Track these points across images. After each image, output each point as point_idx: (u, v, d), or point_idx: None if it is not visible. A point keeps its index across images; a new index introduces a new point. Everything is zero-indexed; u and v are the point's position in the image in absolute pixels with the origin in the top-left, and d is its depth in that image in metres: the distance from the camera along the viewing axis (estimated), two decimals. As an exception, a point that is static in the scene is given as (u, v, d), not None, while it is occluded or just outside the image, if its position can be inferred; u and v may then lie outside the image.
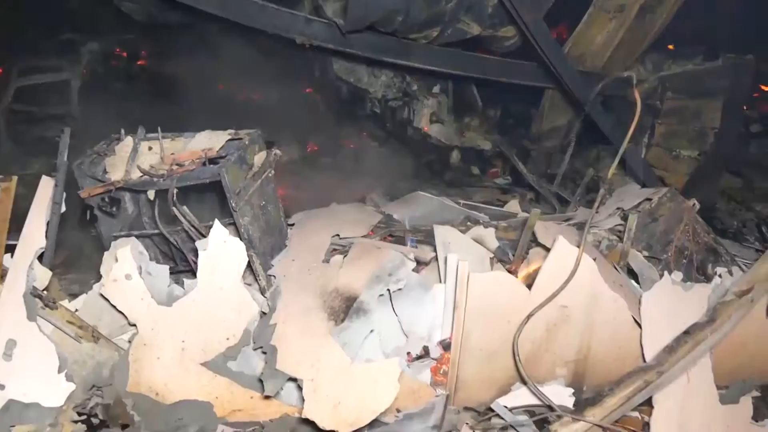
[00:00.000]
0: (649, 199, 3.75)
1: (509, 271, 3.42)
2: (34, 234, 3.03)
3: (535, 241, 3.52)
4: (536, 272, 3.27)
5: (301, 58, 6.68)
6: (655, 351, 2.97)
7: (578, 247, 3.04)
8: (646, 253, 3.60)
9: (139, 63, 7.88)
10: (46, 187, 3.14)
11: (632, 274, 3.55)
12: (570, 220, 4.01)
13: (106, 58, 7.53)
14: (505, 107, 7.18)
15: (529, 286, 3.08)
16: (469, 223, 3.87)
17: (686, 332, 2.91)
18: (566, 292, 3.03)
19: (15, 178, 3.07)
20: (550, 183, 5.28)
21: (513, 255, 3.55)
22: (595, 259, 3.15)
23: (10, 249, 3.04)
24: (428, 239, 3.61)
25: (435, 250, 3.44)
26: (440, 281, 3.28)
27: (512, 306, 3.05)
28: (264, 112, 6.84)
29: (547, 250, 3.44)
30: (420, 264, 3.35)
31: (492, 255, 3.50)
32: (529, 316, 2.99)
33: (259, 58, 7.00)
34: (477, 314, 3.01)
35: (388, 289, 3.09)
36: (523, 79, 5.99)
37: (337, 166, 6.01)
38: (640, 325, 3.09)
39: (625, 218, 3.68)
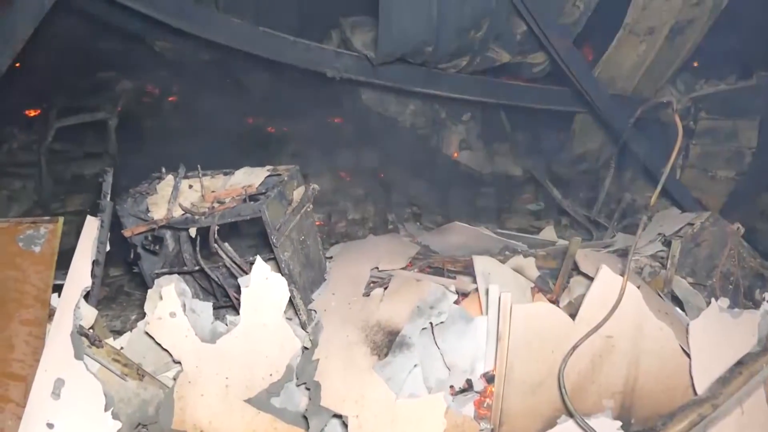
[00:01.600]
0: (691, 224, 3.69)
1: (550, 301, 3.39)
2: (81, 273, 3.07)
3: (576, 270, 3.48)
4: (578, 301, 3.23)
5: (330, 90, 6.76)
6: (706, 381, 2.89)
7: (622, 275, 3.00)
8: (690, 280, 3.53)
9: (170, 99, 8.04)
10: (91, 226, 3.20)
11: (677, 301, 3.48)
12: (610, 246, 3.96)
13: (139, 96, 7.69)
14: (535, 132, 7.16)
15: (572, 316, 3.04)
16: (507, 252, 3.83)
17: (739, 362, 2.83)
18: (611, 322, 2.97)
19: (61, 219, 3.12)
20: (584, 208, 5.23)
21: (554, 284, 3.51)
22: (638, 287, 3.10)
23: (57, 288, 3.09)
24: (467, 270, 3.59)
25: (475, 281, 3.42)
26: (482, 313, 3.25)
27: (556, 337, 3.00)
28: (294, 143, 6.93)
29: (588, 278, 3.41)
30: (460, 295, 3.33)
31: (533, 285, 3.46)
32: (574, 347, 2.93)
33: (289, 91, 7.12)
34: (520, 346, 2.97)
35: (431, 322, 3.07)
36: (553, 104, 5.99)
37: (368, 195, 6.03)
38: (688, 355, 3.02)
39: (667, 244, 3.62)
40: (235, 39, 5.49)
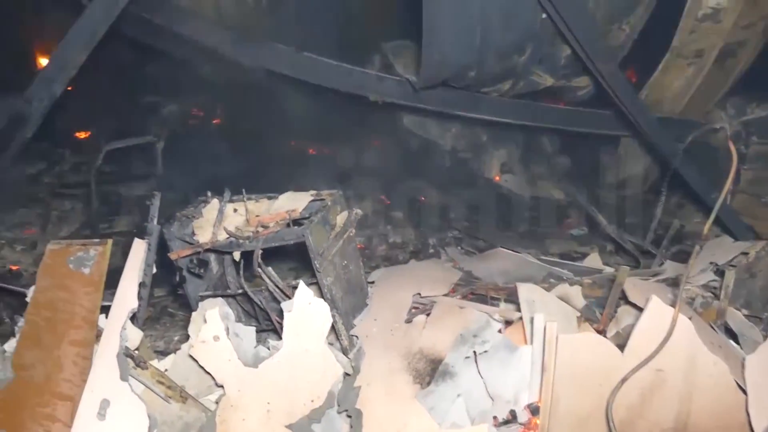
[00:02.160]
0: (745, 253, 3.57)
1: (597, 331, 3.30)
2: (127, 295, 3.12)
3: (623, 299, 3.39)
4: (627, 332, 3.14)
5: (371, 113, 6.80)
6: (764, 420, 2.77)
7: (673, 306, 2.91)
8: (745, 312, 3.40)
9: (215, 122, 8.20)
10: (138, 249, 3.25)
11: (731, 334, 3.35)
12: (659, 275, 3.85)
13: (185, 119, 7.86)
14: (578, 156, 7.06)
15: (620, 347, 2.95)
16: (552, 280, 3.77)
17: (800, 400, 2.70)
18: (662, 355, 2.87)
19: (109, 242, 3.18)
20: (629, 234, 5.11)
21: (601, 313, 3.42)
22: (690, 319, 3.00)
23: (104, 309, 3.14)
24: (511, 297, 3.53)
25: (519, 309, 3.36)
26: (526, 342, 3.18)
27: (604, 369, 2.92)
28: (335, 166, 6.97)
29: (637, 308, 3.32)
30: (504, 324, 3.27)
31: (579, 314, 3.38)
32: (623, 380, 2.85)
33: (330, 114, 7.19)
34: (567, 377, 2.90)
35: (474, 351, 3.02)
36: (598, 128, 5.90)
37: (409, 219, 6.01)
38: (744, 391, 2.90)
39: (719, 274, 3.51)
40: (278, 64, 5.58)
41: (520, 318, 3.30)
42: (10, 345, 3.02)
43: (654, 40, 5.54)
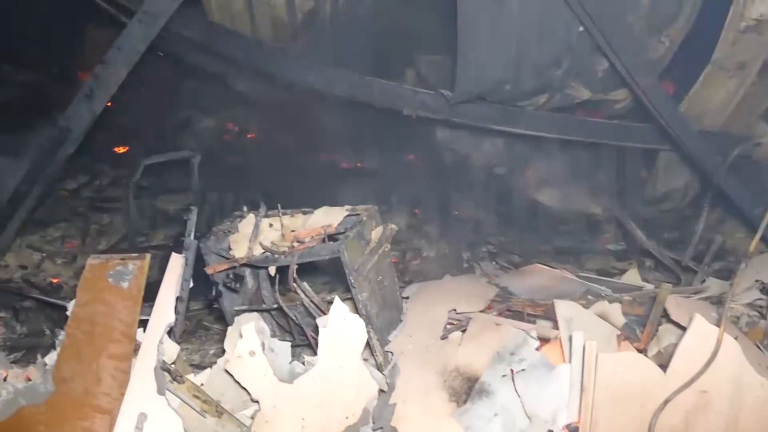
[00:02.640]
0: (793, 271, 3.45)
1: (638, 350, 3.22)
2: (165, 309, 3.14)
3: (665, 317, 3.30)
4: (668, 351, 3.06)
5: (404, 127, 6.80)
6: (815, 444, 2.67)
7: (717, 325, 2.82)
8: (793, 331, 3.28)
9: (249, 136, 8.29)
10: (175, 263, 3.28)
11: (778, 354, 3.24)
12: (702, 293, 3.75)
13: (220, 134, 7.97)
14: (615, 170, 6.93)
15: (662, 367, 2.87)
16: (590, 296, 3.69)
17: None
18: (706, 376, 2.79)
19: (147, 256, 3.21)
20: (668, 249, 4.99)
21: (641, 332, 3.34)
22: (736, 338, 2.90)
23: (142, 323, 3.18)
24: (548, 314, 3.47)
25: (556, 327, 3.29)
26: (564, 360, 3.12)
27: (646, 389, 2.84)
28: (367, 180, 6.98)
29: (679, 327, 3.23)
30: (542, 341, 3.21)
31: (618, 332, 3.30)
32: (666, 402, 2.77)
33: (362, 128, 7.21)
34: (606, 397, 2.83)
35: (511, 369, 2.97)
36: (636, 142, 5.79)
37: (442, 234, 5.97)
38: (793, 414, 2.79)
39: (765, 292, 3.40)
40: (313, 79, 5.63)
41: (558, 336, 3.24)
42: (51, 358, 3.07)
43: (694, 53, 5.43)
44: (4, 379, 3.18)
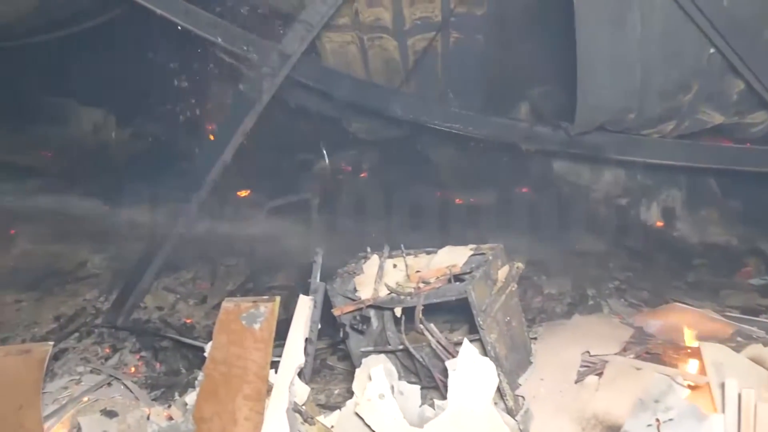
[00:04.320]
0: None
1: (801, 398, 2.89)
2: (295, 351, 3.21)
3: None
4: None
5: (518, 160, 6.68)
6: None
7: None
8: None
9: (362, 176, 8.46)
10: (303, 306, 3.35)
11: None
12: None
13: (335, 174, 8.18)
14: (751, 197, 6.41)
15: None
16: (740, 338, 3.39)
17: None
18: None
19: (278, 298, 3.30)
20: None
21: (804, 378, 3.00)
22: None
23: (273, 365, 3.25)
24: (693, 358, 3.21)
25: (703, 372, 3.03)
26: (716, 410, 2.85)
27: (816, 444, 2.54)
28: (482, 215, 6.88)
29: None
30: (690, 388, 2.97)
31: (777, 378, 2.99)
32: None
33: (475, 163, 7.16)
34: (770, 452, 2.55)
35: (657, 419, 2.75)
36: (776, 167, 5.32)
37: (564, 269, 5.74)
38: None
39: None
40: (426, 117, 5.66)
41: (707, 382, 2.98)
42: (191, 398, 3.20)
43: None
44: (148, 417, 3.35)
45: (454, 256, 3.32)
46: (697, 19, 4.09)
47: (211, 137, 8.00)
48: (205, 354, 3.24)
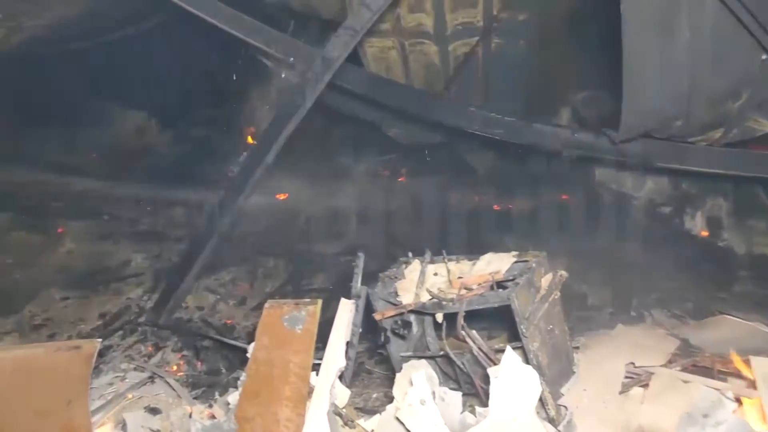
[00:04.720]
0: None
1: None
2: (336, 354, 3.23)
3: None
4: None
5: (558, 166, 6.60)
6: None
7: None
8: None
9: (399, 180, 8.46)
10: (345, 309, 3.37)
11: None
12: None
13: (372, 178, 8.21)
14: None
15: None
16: (791, 352, 3.28)
17: None
18: None
19: (319, 302, 3.33)
20: None
21: None
22: None
23: (314, 367, 3.27)
24: (741, 371, 3.13)
25: (753, 386, 2.95)
26: (766, 424, 2.78)
27: None
28: (521, 221, 6.82)
29: None
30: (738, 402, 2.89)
31: (832, 395, 2.89)
32: None
33: (514, 168, 7.09)
34: (825, 471, 2.47)
35: (705, 433, 2.69)
36: (828, 176, 5.16)
37: (606, 278, 5.64)
38: None
39: None
40: (466, 122, 5.63)
41: (758, 397, 2.90)
42: (233, 397, 3.24)
43: None
44: (190, 416, 3.40)
45: (496, 263, 3.31)
46: (749, 25, 3.99)
47: (250, 139, 8.14)
48: (248, 355, 3.28)
